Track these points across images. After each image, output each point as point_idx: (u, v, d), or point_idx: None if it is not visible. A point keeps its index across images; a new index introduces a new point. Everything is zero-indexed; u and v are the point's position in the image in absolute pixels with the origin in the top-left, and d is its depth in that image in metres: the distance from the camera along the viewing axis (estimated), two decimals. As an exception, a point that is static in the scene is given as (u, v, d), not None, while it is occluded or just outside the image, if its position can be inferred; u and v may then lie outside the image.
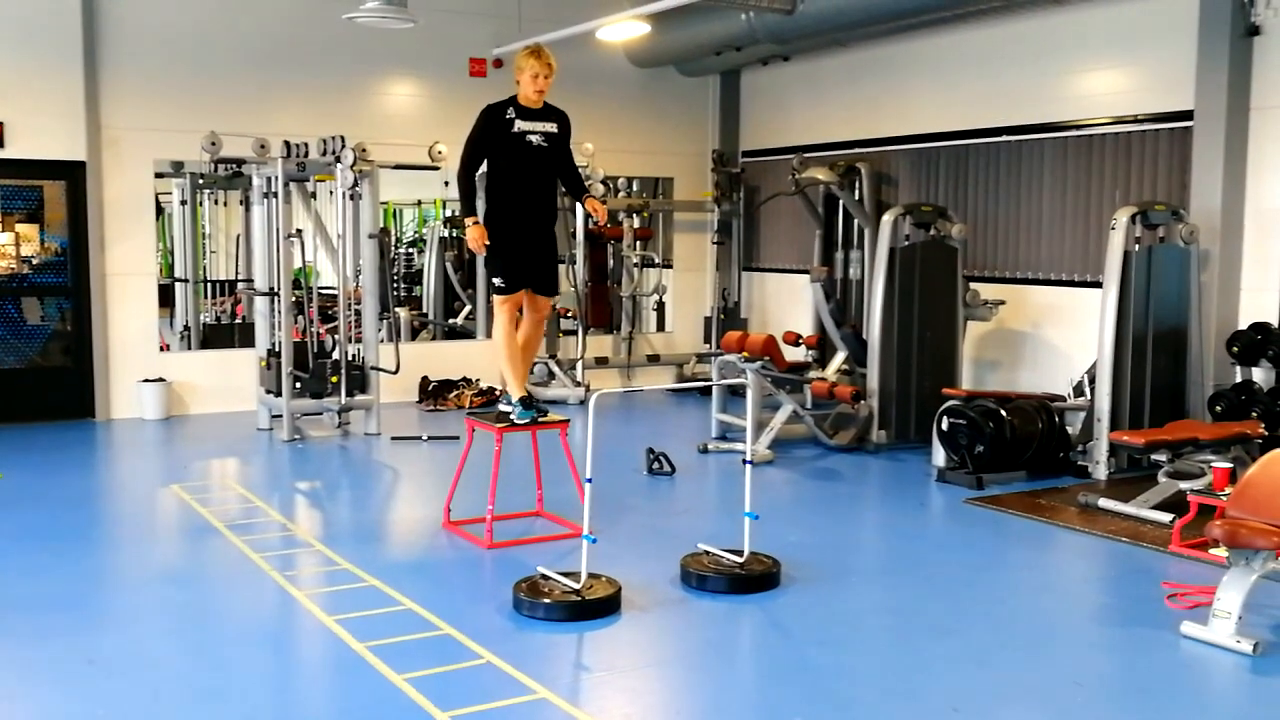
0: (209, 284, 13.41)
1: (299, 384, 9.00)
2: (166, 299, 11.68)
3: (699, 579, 5.33)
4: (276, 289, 9.08)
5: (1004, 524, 6.69)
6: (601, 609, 4.94)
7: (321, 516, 7.15)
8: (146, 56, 9.84)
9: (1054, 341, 9.31)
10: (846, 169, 10.55)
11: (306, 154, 9.06)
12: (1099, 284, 7.98)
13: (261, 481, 7.99)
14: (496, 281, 6.25)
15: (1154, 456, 7.09)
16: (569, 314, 11.76)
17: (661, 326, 12.85)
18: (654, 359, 12.22)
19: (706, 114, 12.64)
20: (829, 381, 8.90)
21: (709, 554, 5.54)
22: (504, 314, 6.27)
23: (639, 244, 12.29)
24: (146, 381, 9.87)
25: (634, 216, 12.28)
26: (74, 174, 9.67)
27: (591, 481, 4.99)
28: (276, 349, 9.07)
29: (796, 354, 9.96)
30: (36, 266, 9.87)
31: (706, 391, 10.27)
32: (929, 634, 4.82)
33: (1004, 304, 9.20)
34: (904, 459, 8.39)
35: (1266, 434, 7.20)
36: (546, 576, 5.15)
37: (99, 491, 7.90)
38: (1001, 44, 9.64)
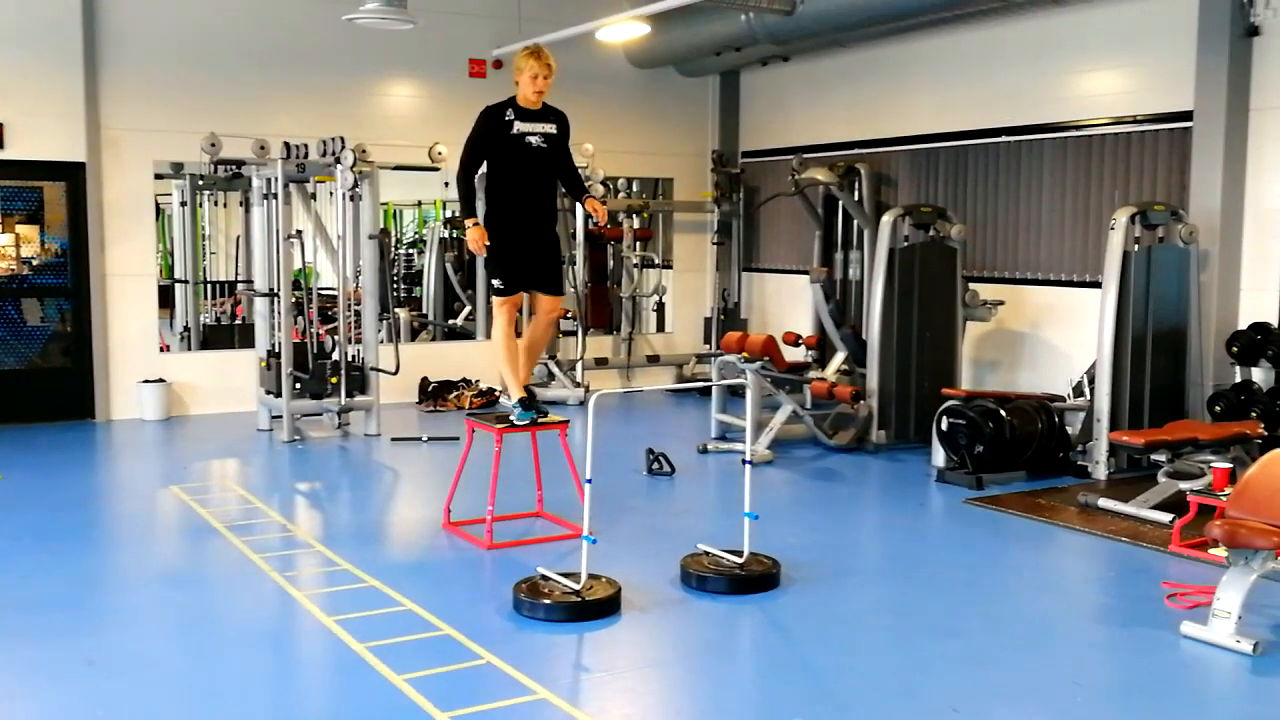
0: (209, 285, 13.41)
1: (299, 385, 9.00)
2: (166, 300, 11.69)
3: (699, 579, 5.33)
4: (276, 290, 9.08)
5: (1004, 524, 6.69)
6: (601, 610, 4.94)
7: (321, 517, 7.15)
8: (146, 57, 9.85)
9: (1053, 342, 9.31)
10: (846, 170, 10.55)
11: (306, 155, 9.07)
12: (1098, 284, 7.98)
13: (261, 482, 7.99)
14: (495, 283, 6.26)
15: (1154, 456, 7.09)
16: (569, 315, 11.75)
17: (661, 327, 12.85)
18: (654, 359, 12.22)
19: (706, 114, 12.64)
20: (829, 382, 8.90)
21: (709, 554, 5.54)
22: (503, 315, 6.28)
23: (639, 244, 12.30)
24: (146, 382, 9.87)
25: (634, 217, 12.28)
26: (74, 175, 9.67)
27: (591, 482, 4.99)
28: (276, 350, 9.08)
29: (796, 354, 9.96)
30: (36, 267, 9.87)
31: (706, 392, 10.28)
32: (929, 634, 4.82)
33: (1003, 304, 9.20)
34: (904, 459, 8.39)
35: (1266, 434, 7.20)
36: (546, 577, 5.15)
37: (99, 492, 7.90)
38: (1001, 44, 9.64)
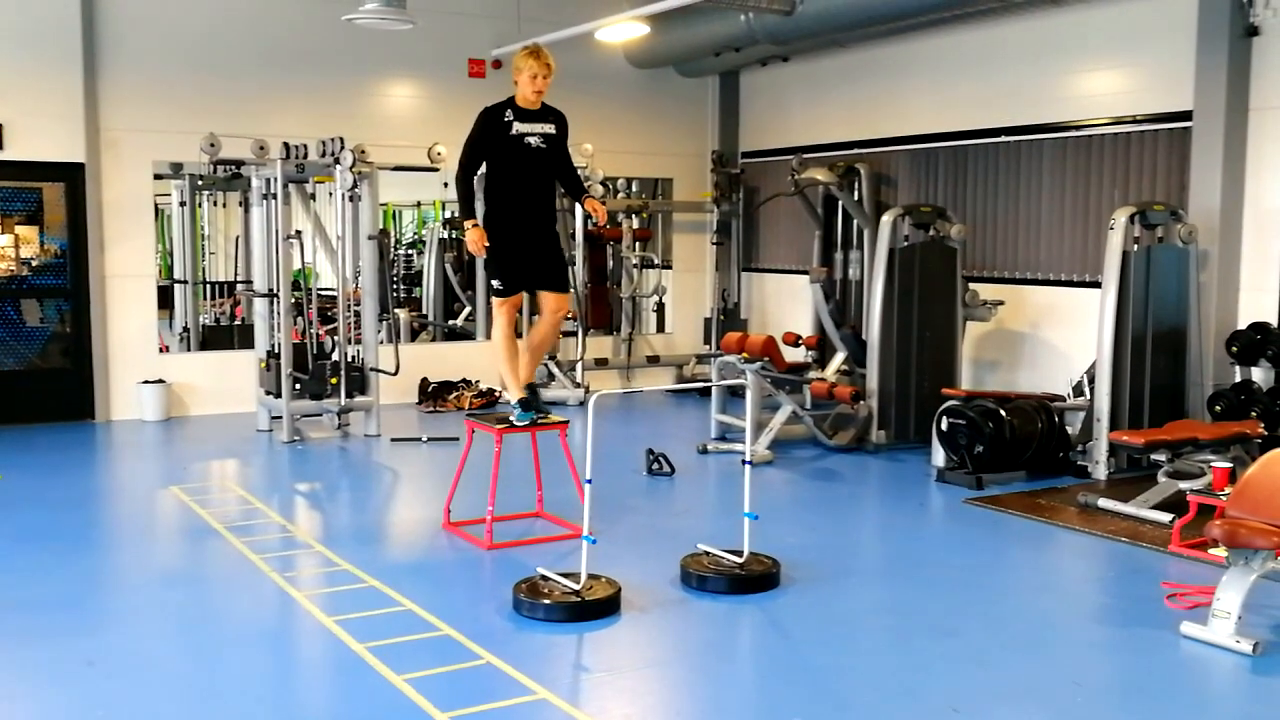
0: (208, 285, 13.42)
1: (298, 385, 9.00)
2: (166, 300, 11.69)
3: (699, 579, 5.33)
4: (276, 290, 9.08)
5: (1003, 524, 6.69)
6: (601, 610, 4.94)
7: (321, 518, 7.15)
8: (146, 58, 9.84)
9: (1053, 341, 9.31)
10: (846, 170, 10.55)
11: (305, 155, 9.07)
12: (1098, 284, 7.98)
13: (261, 483, 7.99)
14: (494, 284, 6.26)
15: (1153, 456, 7.10)
16: (570, 316, 11.76)
17: (661, 327, 12.85)
18: (654, 360, 12.22)
19: (705, 115, 12.64)
20: (828, 382, 8.90)
21: (709, 554, 5.54)
22: (503, 316, 6.28)
23: (638, 245, 12.30)
24: (146, 383, 9.87)
25: (633, 217, 12.29)
26: (73, 176, 9.66)
27: (591, 482, 4.99)
28: (276, 350, 9.08)
29: (796, 354, 9.96)
30: (36, 268, 9.87)
31: (706, 392, 10.28)
32: (929, 634, 4.82)
33: (1003, 304, 9.20)
34: (903, 459, 8.39)
35: (1266, 434, 7.20)
36: (546, 577, 5.15)
37: (99, 493, 7.90)
38: (1000, 44, 9.64)
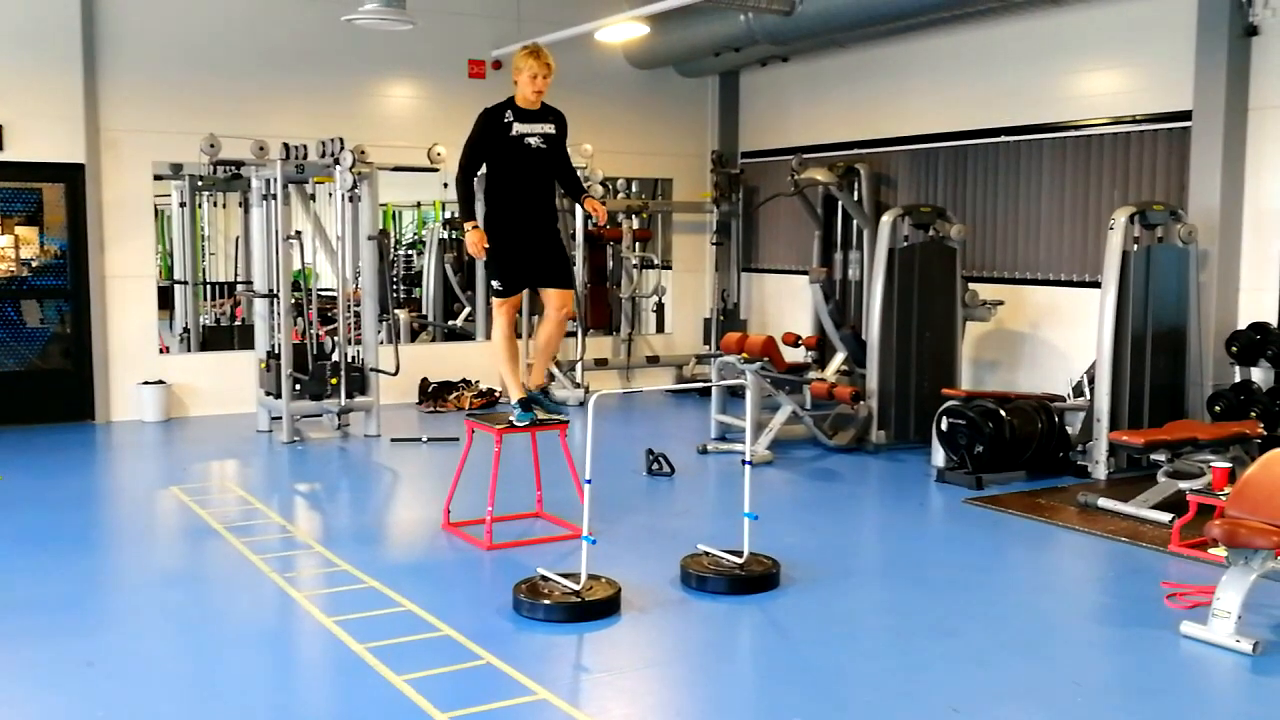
0: (208, 286, 13.42)
1: (298, 386, 9.00)
2: (166, 301, 11.69)
3: (699, 580, 5.33)
4: (276, 291, 9.08)
5: (1003, 524, 6.69)
6: (601, 610, 4.94)
7: (321, 518, 7.15)
8: (145, 58, 9.84)
9: (1053, 342, 9.31)
10: (845, 170, 10.55)
11: (305, 156, 9.07)
12: (1098, 284, 7.98)
13: (261, 483, 7.99)
14: (495, 284, 6.25)
15: (1153, 456, 7.09)
16: (570, 315, 11.75)
17: (661, 328, 12.85)
18: (653, 360, 12.22)
19: (705, 115, 12.64)
20: (828, 382, 8.90)
21: (709, 555, 5.54)
22: (503, 316, 6.27)
23: (638, 245, 12.30)
24: (146, 384, 9.87)
25: (633, 217, 12.28)
26: (73, 176, 9.66)
27: (591, 483, 5.00)
28: (276, 351, 9.08)
29: (796, 355, 9.96)
30: (36, 269, 9.87)
31: (706, 392, 10.28)
32: (929, 634, 4.83)
33: (1003, 304, 9.20)
34: (903, 459, 8.39)
35: (1265, 434, 7.20)
36: (546, 578, 5.15)
37: (98, 493, 7.90)
38: (1000, 44, 9.64)
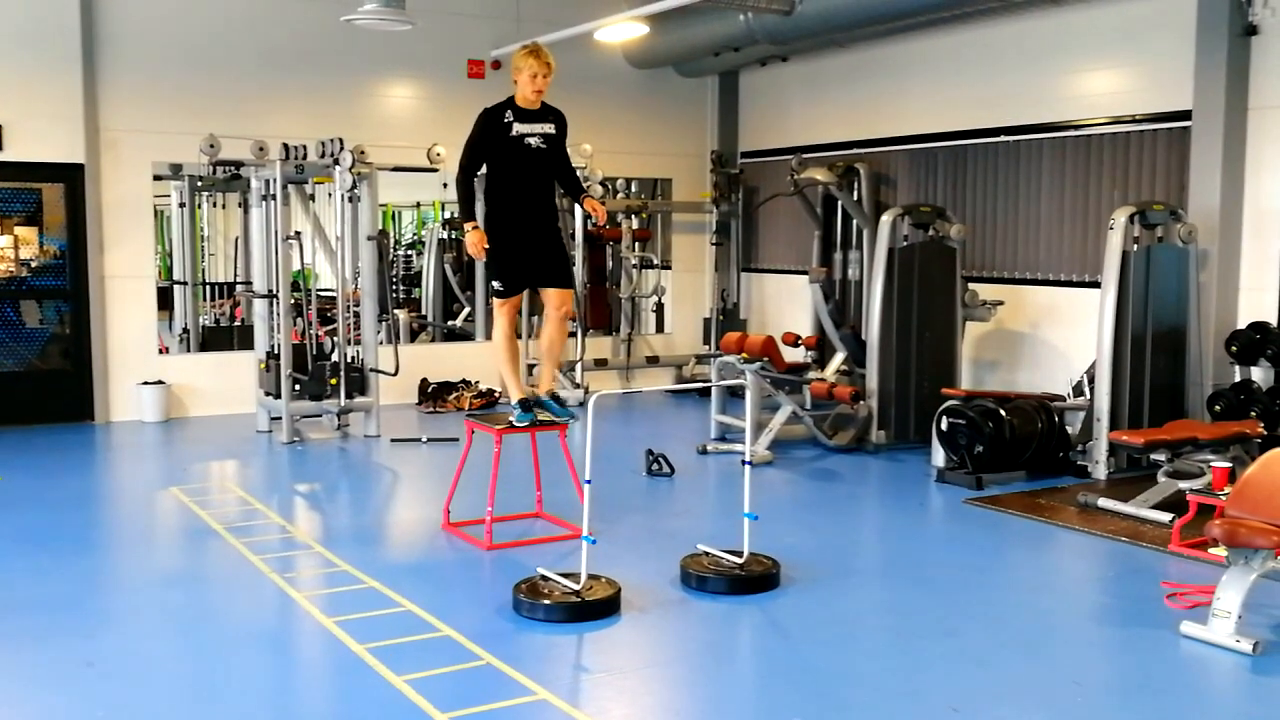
0: (208, 286, 13.41)
1: (298, 386, 9.00)
2: (165, 302, 11.68)
3: (699, 580, 5.33)
4: (275, 291, 9.08)
5: (1003, 524, 6.69)
6: (601, 610, 4.94)
7: (321, 518, 7.15)
8: (145, 59, 9.84)
9: (1053, 341, 9.31)
10: (845, 169, 10.55)
11: (305, 156, 9.07)
12: (1098, 284, 7.98)
13: (261, 484, 7.99)
14: (495, 284, 6.24)
15: (1153, 456, 7.09)
16: (570, 315, 11.75)
17: (660, 328, 12.84)
18: (653, 360, 12.22)
19: (705, 115, 12.64)
20: (828, 382, 8.90)
21: (708, 555, 5.54)
22: (504, 317, 6.26)
23: (638, 245, 12.30)
24: (145, 384, 9.86)
25: (633, 218, 12.28)
26: (73, 176, 9.66)
27: (591, 483, 5.00)
28: (275, 351, 9.08)
29: (795, 355, 9.96)
30: (35, 269, 9.86)
31: (705, 393, 10.28)
32: (929, 634, 4.82)
33: (1003, 304, 9.20)
34: (903, 459, 8.39)
35: (1265, 433, 7.20)
36: (546, 578, 5.15)
37: (98, 494, 7.89)
38: (1000, 44, 9.64)
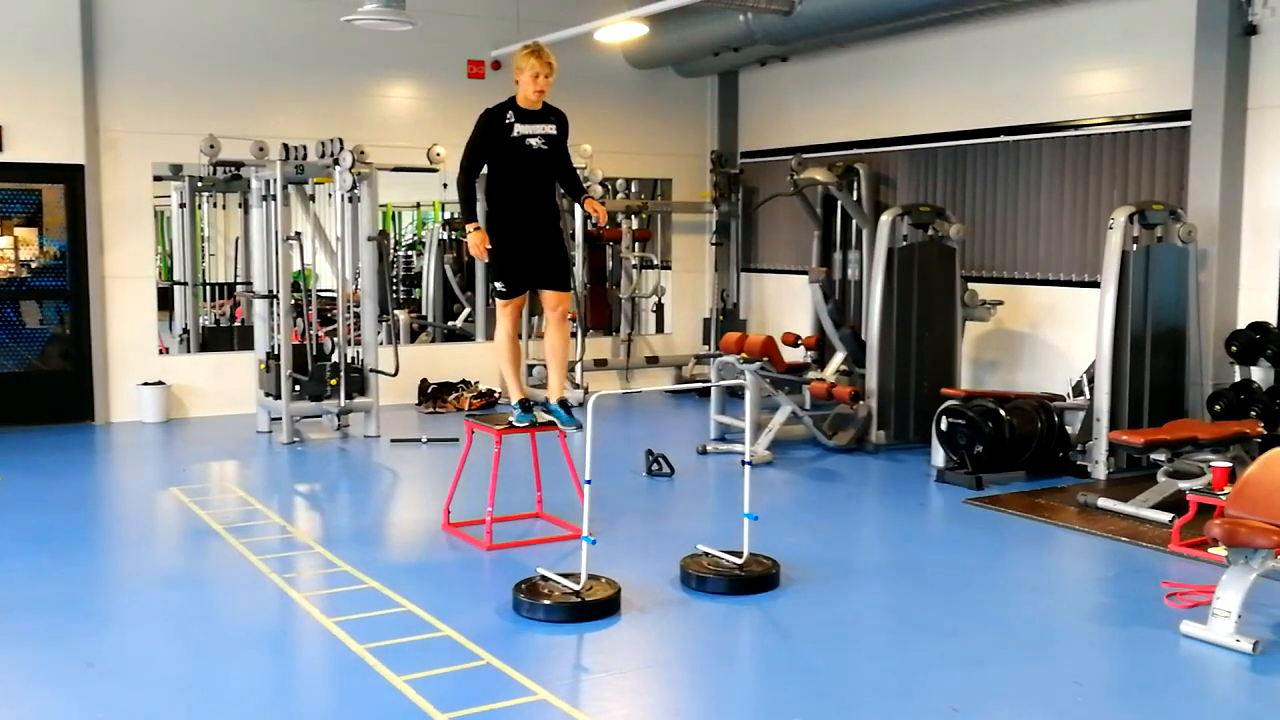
0: (208, 287, 13.41)
1: (298, 387, 9.00)
2: (165, 302, 11.68)
3: (698, 580, 5.33)
4: (275, 292, 9.08)
5: (1003, 524, 6.69)
6: (601, 610, 4.94)
7: (321, 519, 7.15)
8: (145, 59, 9.84)
9: (1053, 341, 9.31)
10: (845, 169, 10.55)
11: (305, 156, 9.07)
12: (1097, 284, 7.98)
13: (261, 484, 7.99)
14: (497, 285, 6.21)
15: (1153, 456, 7.09)
16: (570, 316, 11.74)
17: (660, 328, 12.84)
18: (653, 360, 12.22)
19: (705, 115, 12.64)
20: (828, 382, 8.90)
21: (708, 555, 5.55)
22: (506, 318, 6.25)
23: (637, 245, 12.30)
24: (146, 385, 9.86)
25: (632, 218, 12.28)
26: (73, 177, 9.66)
27: (591, 483, 5.00)
28: (276, 352, 9.08)
29: (795, 355, 9.96)
30: (35, 270, 9.86)
31: (705, 393, 10.28)
32: (928, 634, 4.83)
33: (1002, 304, 9.20)
34: (903, 459, 8.39)
35: (1265, 433, 7.20)
36: (546, 578, 5.15)
37: (98, 494, 7.90)
38: (999, 44, 9.65)
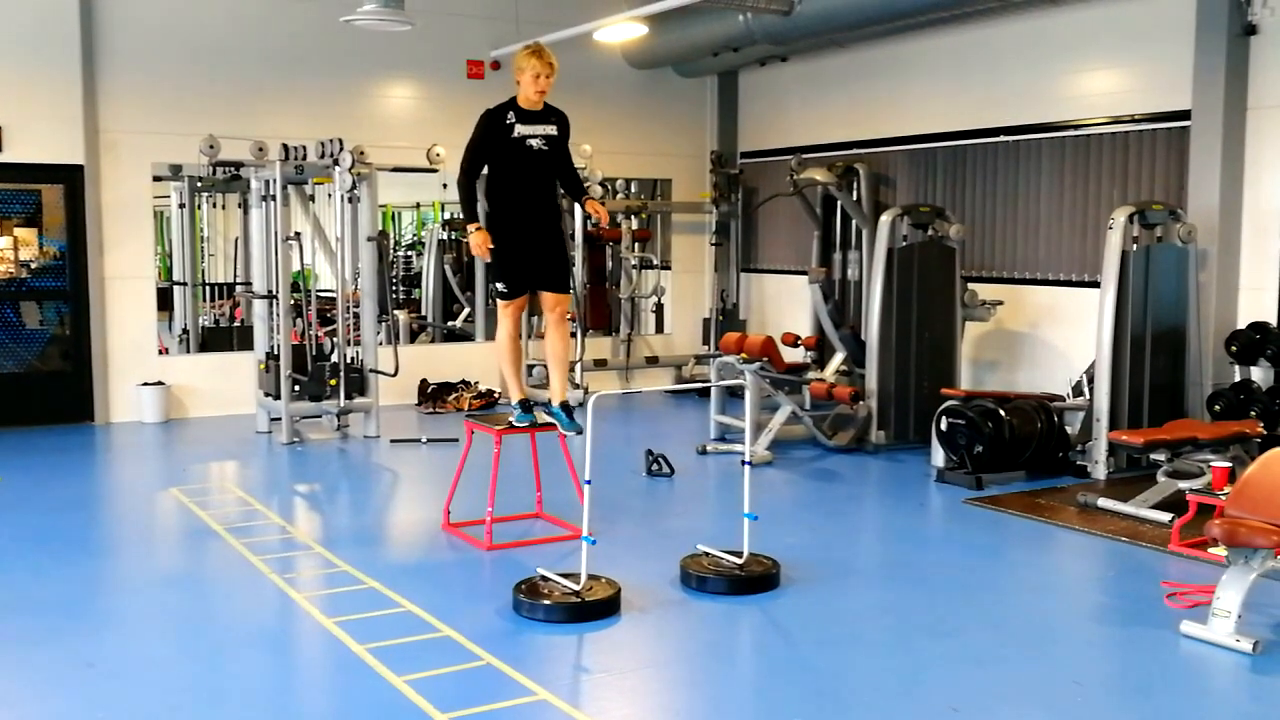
0: (207, 287, 13.41)
1: (298, 387, 9.00)
2: (165, 302, 11.68)
3: (698, 580, 5.33)
4: (275, 292, 9.08)
5: (1003, 524, 6.69)
6: (601, 610, 4.94)
7: (321, 519, 7.15)
8: (144, 59, 9.84)
9: (1052, 341, 9.31)
10: (844, 170, 10.54)
11: (304, 157, 9.07)
12: (1097, 284, 7.98)
13: (261, 484, 7.99)
14: (499, 286, 6.18)
15: (1153, 456, 7.09)
16: (569, 316, 11.74)
17: (660, 328, 12.85)
18: (653, 361, 12.22)
19: (704, 115, 12.65)
20: (827, 382, 8.90)
21: (708, 555, 5.55)
22: (508, 319, 6.23)
23: (637, 245, 12.29)
24: (145, 385, 9.86)
25: (632, 218, 12.28)
26: (72, 177, 9.66)
27: (590, 483, 5.00)
28: (275, 352, 9.08)
29: (795, 355, 9.96)
30: (35, 270, 9.86)
31: (705, 393, 10.28)
32: (928, 634, 4.83)
33: (1002, 304, 9.20)
34: (903, 459, 8.39)
35: (1265, 433, 7.20)
36: (546, 578, 5.15)
37: (98, 495, 7.89)
38: (999, 44, 9.65)
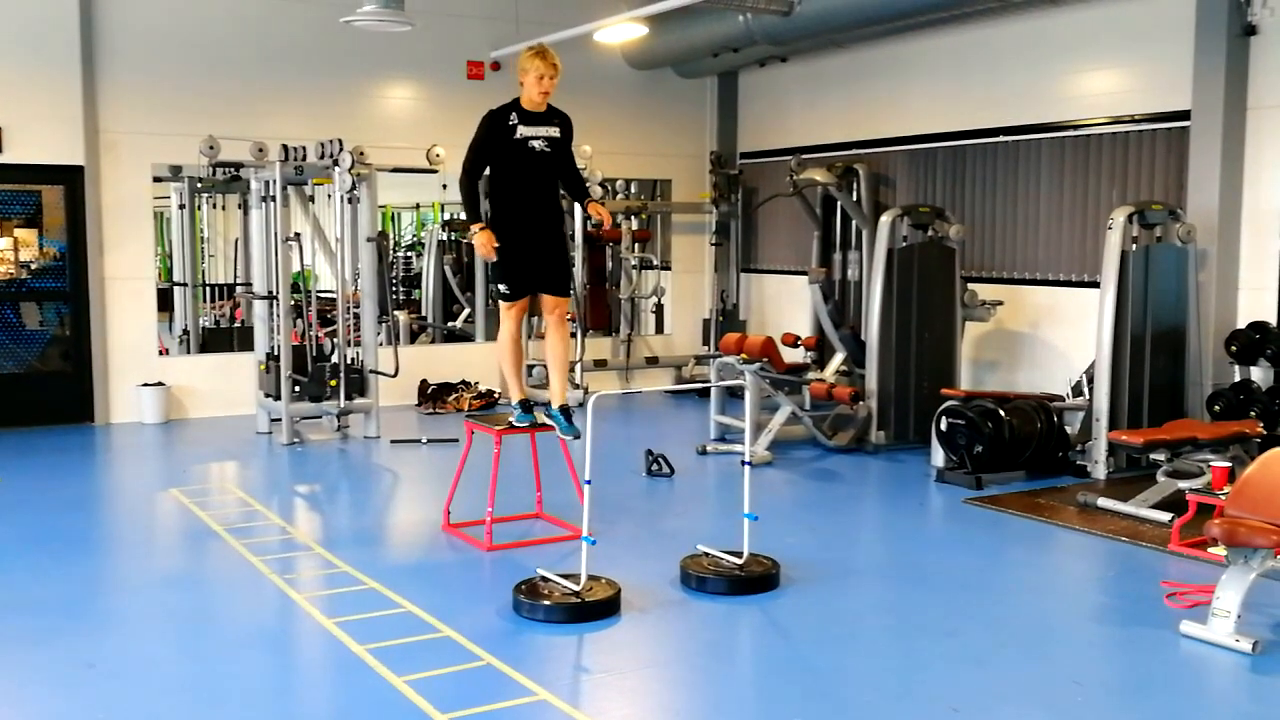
0: (207, 288, 13.41)
1: (298, 387, 9.00)
2: (165, 303, 11.67)
3: (698, 580, 5.33)
4: (275, 293, 9.08)
5: (1003, 524, 6.69)
6: (601, 611, 4.94)
7: (321, 520, 7.15)
8: (144, 60, 9.84)
9: (1052, 341, 9.32)
10: (844, 170, 10.54)
11: (304, 157, 9.07)
12: (1097, 284, 7.99)
13: (261, 485, 8.00)
14: (501, 287, 6.15)
15: (1153, 456, 7.09)
16: (569, 317, 11.75)
17: (660, 328, 12.85)
18: (653, 361, 12.22)
19: (704, 116, 12.65)
20: (827, 383, 8.91)
21: (708, 555, 5.55)
22: (510, 320, 6.22)
23: (637, 246, 12.30)
24: (145, 386, 9.87)
25: (632, 218, 12.28)
26: (72, 178, 9.66)
27: (590, 483, 5.00)
28: (275, 353, 9.08)
29: (795, 355, 9.96)
30: (35, 271, 9.86)
31: (705, 393, 10.28)
32: (928, 634, 4.83)
33: (1002, 304, 9.20)
34: (903, 459, 8.39)
35: (1265, 433, 7.20)
36: (546, 578, 5.15)
37: (98, 496, 7.90)
38: (998, 44, 9.65)
